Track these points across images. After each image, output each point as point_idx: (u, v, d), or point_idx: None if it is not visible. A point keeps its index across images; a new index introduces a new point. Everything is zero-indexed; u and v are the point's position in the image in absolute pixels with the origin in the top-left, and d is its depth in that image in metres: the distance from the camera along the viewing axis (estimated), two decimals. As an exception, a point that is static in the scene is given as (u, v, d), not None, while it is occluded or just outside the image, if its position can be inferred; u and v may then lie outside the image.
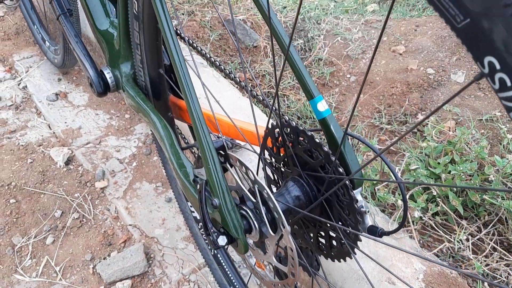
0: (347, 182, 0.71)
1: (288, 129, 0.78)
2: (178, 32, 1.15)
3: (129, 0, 1.00)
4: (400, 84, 1.88)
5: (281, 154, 0.84)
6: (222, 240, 0.74)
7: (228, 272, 1.34)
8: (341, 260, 0.83)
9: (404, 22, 2.25)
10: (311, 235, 0.87)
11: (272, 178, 0.91)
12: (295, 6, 2.44)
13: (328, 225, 0.80)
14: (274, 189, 0.91)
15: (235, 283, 1.32)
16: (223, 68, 1.04)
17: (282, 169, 0.86)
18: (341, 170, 0.72)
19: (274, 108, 0.73)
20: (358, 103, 1.85)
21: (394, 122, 1.74)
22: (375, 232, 0.75)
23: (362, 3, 2.57)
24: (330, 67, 2.05)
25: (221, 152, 0.78)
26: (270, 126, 0.81)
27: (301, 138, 0.77)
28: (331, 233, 0.82)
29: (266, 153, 0.88)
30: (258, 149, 0.89)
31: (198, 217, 1.34)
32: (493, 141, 1.59)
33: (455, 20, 0.40)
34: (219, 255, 1.36)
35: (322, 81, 2.01)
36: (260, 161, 0.87)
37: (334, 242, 0.82)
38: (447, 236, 1.33)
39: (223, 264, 1.34)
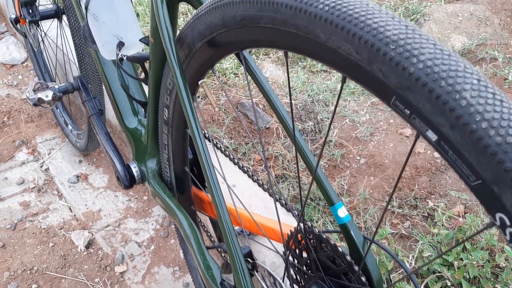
0: (370, 291, 0.76)
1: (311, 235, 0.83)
2: (205, 133, 1.24)
3: (160, 108, 1.09)
4: (409, 168, 1.95)
5: (304, 255, 0.89)
6: None
7: None
8: None
9: (410, 104, 2.36)
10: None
11: (295, 277, 0.96)
12: (304, 88, 2.57)
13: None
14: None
15: None
16: (245, 170, 1.11)
17: (305, 270, 0.91)
18: (363, 279, 0.77)
19: (300, 215, 0.79)
20: (369, 187, 1.91)
21: (405, 206, 1.80)
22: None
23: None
24: (340, 149, 2.14)
25: (249, 260, 0.84)
26: (293, 231, 0.87)
27: (324, 245, 0.83)
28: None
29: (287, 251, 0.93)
30: (278, 245, 0.94)
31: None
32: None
33: (469, 179, 0.45)
34: None
35: (333, 163, 2.08)
36: (284, 262, 0.92)
37: None
38: (463, 326, 1.35)
39: None
